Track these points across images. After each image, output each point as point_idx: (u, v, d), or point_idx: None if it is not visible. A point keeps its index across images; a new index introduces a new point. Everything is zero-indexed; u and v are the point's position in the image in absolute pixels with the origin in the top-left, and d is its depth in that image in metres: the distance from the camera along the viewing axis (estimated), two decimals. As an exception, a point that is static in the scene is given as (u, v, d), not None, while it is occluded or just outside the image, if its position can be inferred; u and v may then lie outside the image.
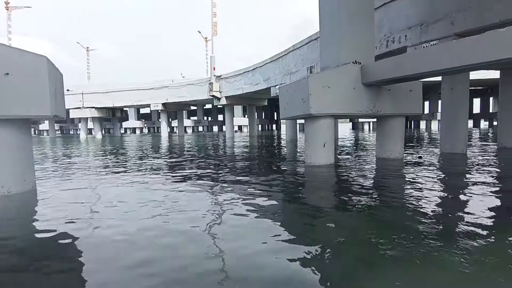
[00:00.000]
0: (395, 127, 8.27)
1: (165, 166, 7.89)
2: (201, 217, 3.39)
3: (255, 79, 22.97)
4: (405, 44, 9.92)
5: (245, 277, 2.07)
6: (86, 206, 4.10)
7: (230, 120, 30.05)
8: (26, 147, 4.91)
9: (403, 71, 6.28)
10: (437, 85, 23.79)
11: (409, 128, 39.90)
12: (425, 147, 11.91)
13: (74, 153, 13.23)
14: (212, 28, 30.46)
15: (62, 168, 7.82)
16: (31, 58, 4.48)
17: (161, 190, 4.90)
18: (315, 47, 15.11)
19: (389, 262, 2.22)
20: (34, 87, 4.45)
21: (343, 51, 7.48)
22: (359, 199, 4.12)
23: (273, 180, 5.63)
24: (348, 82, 7.27)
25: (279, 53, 19.61)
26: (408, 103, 8.05)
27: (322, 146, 7.29)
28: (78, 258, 2.44)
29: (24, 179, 4.80)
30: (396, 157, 8.18)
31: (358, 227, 3.07)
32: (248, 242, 2.70)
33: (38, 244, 2.81)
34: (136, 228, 3.07)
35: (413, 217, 3.29)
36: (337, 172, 6.35)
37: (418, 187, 4.72)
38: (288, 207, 3.94)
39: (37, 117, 4.65)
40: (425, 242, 2.54)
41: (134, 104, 35.30)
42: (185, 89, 31.16)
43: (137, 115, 56.71)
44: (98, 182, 5.82)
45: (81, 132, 35.09)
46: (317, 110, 7.03)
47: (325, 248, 2.51)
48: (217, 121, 56.81)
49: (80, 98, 34.22)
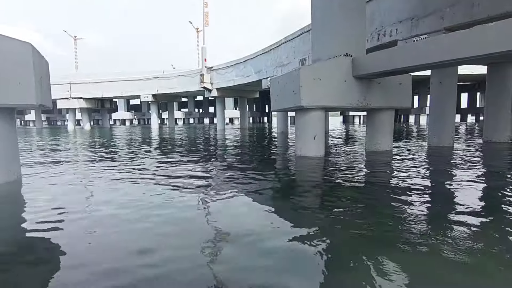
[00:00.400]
0: (384, 120, 8.36)
1: (155, 158, 7.83)
2: (192, 209, 3.38)
3: (247, 71, 22.83)
4: (396, 37, 9.98)
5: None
6: (72, 196, 4.04)
7: (221, 112, 29.90)
8: (11, 137, 4.80)
9: (394, 64, 6.33)
10: (426, 80, 24.07)
11: (399, 122, 40.43)
12: (413, 140, 12.10)
13: (61, 144, 12.99)
14: (204, 18, 30.01)
15: (49, 159, 7.67)
16: (15, 45, 4.33)
17: (151, 180, 4.87)
18: (307, 40, 15.07)
19: (376, 246, 2.26)
20: (18, 75, 4.32)
21: (334, 44, 7.49)
22: (348, 187, 4.17)
23: (264, 171, 5.65)
24: (339, 75, 7.29)
25: (271, 45, 19.50)
26: (397, 96, 8.13)
27: (313, 138, 7.33)
28: (63, 249, 2.41)
29: (9, 170, 4.70)
30: (385, 150, 8.29)
31: (346, 215, 3.11)
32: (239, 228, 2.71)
33: (22, 235, 2.76)
34: (126, 219, 3.05)
35: (400, 204, 3.35)
36: (327, 164, 6.41)
37: (405, 176, 4.81)
38: (277, 197, 3.97)
39: (21, 106, 4.52)
40: (412, 228, 2.60)
41: (124, 95, 34.77)
42: (176, 80, 30.79)
43: (127, 106, 55.93)
44: (86, 173, 5.74)
45: (69, 123, 34.36)
46: (308, 102, 7.04)
47: (316, 232, 2.54)
48: (208, 113, 56.48)
49: (68, 88, 33.46)
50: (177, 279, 1.93)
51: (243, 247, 2.38)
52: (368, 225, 2.80)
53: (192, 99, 53.11)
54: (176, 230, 2.79)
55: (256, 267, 2.07)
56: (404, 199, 3.64)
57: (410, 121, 41.08)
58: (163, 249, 2.36)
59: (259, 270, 2.03)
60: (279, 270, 2.02)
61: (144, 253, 2.29)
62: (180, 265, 2.12)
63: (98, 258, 2.26)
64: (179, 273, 2.00)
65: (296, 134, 7.79)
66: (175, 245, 2.45)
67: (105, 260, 2.22)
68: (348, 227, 2.77)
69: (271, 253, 2.27)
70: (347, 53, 7.41)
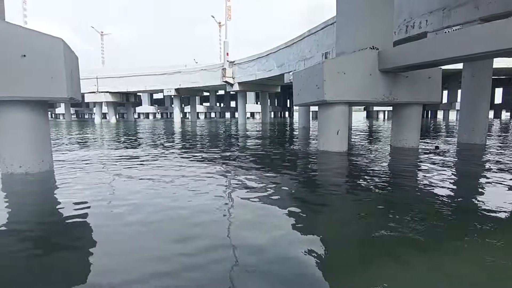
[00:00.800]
0: (411, 115, 8.06)
1: (179, 150, 7.96)
2: (213, 202, 3.42)
3: (269, 65, 22.69)
4: (426, 29, 9.54)
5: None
6: (103, 186, 4.18)
7: (243, 106, 29.95)
8: (44, 129, 5.02)
9: (424, 57, 6.06)
10: (457, 73, 23.02)
11: (426, 118, 38.94)
12: (442, 137, 11.60)
13: (90, 136, 13.50)
14: (226, 12, 30.03)
15: (79, 150, 8.00)
16: (48, 40, 4.51)
17: (174, 172, 4.95)
18: (331, 32, 14.74)
19: (403, 246, 2.18)
20: (50, 69, 4.50)
21: (360, 36, 7.26)
22: (372, 185, 4.06)
23: (285, 166, 5.61)
24: (364, 68, 7.08)
25: (293, 39, 19.24)
26: (426, 91, 7.80)
27: (336, 133, 7.19)
28: (99, 236, 2.50)
29: (42, 160, 4.93)
30: (412, 146, 8.01)
31: (370, 212, 3.03)
32: (260, 226, 2.71)
33: (53, 222, 2.89)
34: (153, 211, 3.12)
35: (427, 204, 3.22)
36: (350, 160, 6.27)
37: (433, 175, 4.61)
38: (299, 192, 3.92)
39: (53, 99, 4.71)
40: (438, 228, 2.49)
41: (148, 89, 35.56)
42: (198, 74, 31.09)
43: (150, 100, 57.21)
44: (114, 164, 5.93)
45: (96, 116, 35.68)
46: (332, 96, 6.89)
47: (337, 232, 2.49)
48: (229, 108, 56.77)
49: (95, 82, 34.67)
50: (212, 268, 1.95)
51: (268, 242, 2.37)
52: (398, 226, 2.71)
53: (214, 93, 53.55)
54: (209, 219, 2.83)
55: (284, 258, 2.06)
56: (433, 200, 3.49)
57: (438, 117, 39.45)
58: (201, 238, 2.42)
59: (288, 262, 2.02)
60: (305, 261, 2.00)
61: (183, 241, 2.35)
62: (216, 254, 2.15)
63: (136, 246, 2.32)
64: (215, 262, 2.03)
65: (319, 129, 7.67)
66: (212, 234, 2.50)
67: (143, 248, 2.28)
68: (376, 227, 2.69)
69: (295, 246, 2.25)
70: (373, 46, 7.17)
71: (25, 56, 4.33)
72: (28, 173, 4.71)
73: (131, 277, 1.88)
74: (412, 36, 10.02)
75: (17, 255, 2.19)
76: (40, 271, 1.98)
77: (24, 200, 3.64)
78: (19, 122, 4.65)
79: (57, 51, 4.54)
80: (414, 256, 2.10)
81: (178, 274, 1.90)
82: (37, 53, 4.41)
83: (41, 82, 4.45)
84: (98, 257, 2.16)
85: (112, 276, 1.90)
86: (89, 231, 2.62)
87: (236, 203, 3.38)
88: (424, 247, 2.22)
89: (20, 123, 4.66)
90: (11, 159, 4.68)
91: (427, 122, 28.02)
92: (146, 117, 55.30)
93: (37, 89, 4.45)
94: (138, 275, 1.89)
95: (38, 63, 4.41)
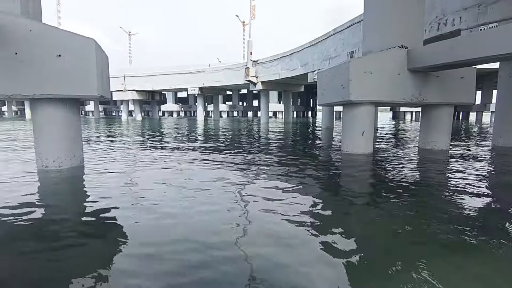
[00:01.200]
0: (441, 117, 7.72)
1: (202, 148, 8.07)
2: (234, 203, 3.43)
3: (292, 64, 22.52)
4: (459, 26, 9.09)
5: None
6: (133, 180, 4.31)
7: (265, 105, 29.91)
8: (76, 125, 5.24)
9: (457, 56, 5.77)
10: (493, 73, 21.85)
11: (457, 119, 37.23)
12: (474, 140, 11.03)
13: (118, 133, 13.98)
14: (250, 11, 30.10)
15: (108, 146, 8.30)
16: (80, 40, 4.70)
17: (196, 171, 5.02)
18: (357, 31, 14.40)
19: (434, 249, 2.09)
20: (83, 68, 4.69)
21: (388, 35, 7.03)
22: (397, 189, 3.92)
23: (307, 167, 5.54)
24: (392, 68, 6.85)
25: (318, 37, 18.97)
26: (458, 91, 7.44)
27: (361, 134, 7.01)
28: (132, 227, 2.59)
29: (73, 155, 5.16)
30: (441, 149, 7.67)
31: (397, 216, 2.92)
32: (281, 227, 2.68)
33: (91, 213, 3.01)
34: (181, 207, 3.18)
35: (456, 211, 3.06)
36: (375, 162, 6.09)
37: (463, 181, 4.38)
38: (322, 194, 3.85)
39: (85, 96, 4.90)
40: (467, 234, 2.36)
41: (172, 87, 36.31)
42: (222, 73, 31.38)
43: (175, 99, 58.40)
44: (141, 159, 6.09)
45: (123, 114, 36.95)
46: (357, 96, 6.73)
47: (363, 237, 2.42)
48: (252, 107, 56.92)
49: (122, 81, 35.86)
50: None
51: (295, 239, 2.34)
52: (428, 230, 2.60)
53: (237, 92, 53.89)
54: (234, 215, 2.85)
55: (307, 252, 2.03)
56: (464, 206, 3.32)
57: (470, 118, 37.58)
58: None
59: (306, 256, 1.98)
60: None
61: (217, 234, 2.41)
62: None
63: (168, 237, 2.39)
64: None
65: (343, 129, 7.51)
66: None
67: (174, 240, 2.34)
68: (404, 234, 2.59)
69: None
70: (402, 45, 6.92)
71: (60, 56, 4.54)
72: (61, 167, 4.94)
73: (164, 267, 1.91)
74: (444, 34, 9.59)
75: (68, 234, 2.30)
76: (73, 254, 2.07)
77: (59, 193, 3.81)
78: (53, 119, 4.88)
79: (89, 51, 4.72)
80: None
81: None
82: (71, 53, 4.60)
83: (74, 80, 4.65)
84: (133, 247, 2.22)
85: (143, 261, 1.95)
86: (117, 220, 2.70)
87: (251, 215, 3.36)
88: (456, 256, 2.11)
89: (55, 120, 4.89)
90: (46, 154, 4.92)
91: (458, 123, 26.77)
92: (170, 115, 56.53)
93: (70, 87, 4.65)
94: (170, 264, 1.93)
95: (72, 62, 4.61)
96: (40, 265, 2.03)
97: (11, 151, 7.22)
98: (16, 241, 2.39)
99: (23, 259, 2.12)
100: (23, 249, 2.25)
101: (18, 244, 2.35)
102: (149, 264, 1.99)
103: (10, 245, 2.33)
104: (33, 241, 2.38)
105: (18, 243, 2.36)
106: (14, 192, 3.69)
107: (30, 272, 1.94)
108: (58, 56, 4.54)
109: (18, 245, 2.34)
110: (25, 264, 2.04)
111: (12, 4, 4.58)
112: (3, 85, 4.42)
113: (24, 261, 2.09)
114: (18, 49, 4.41)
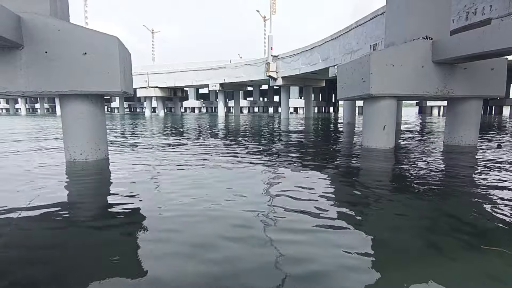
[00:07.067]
0: (469, 111, 7.40)
1: (222, 143, 8.18)
2: (256, 196, 3.47)
3: (313, 59, 22.22)
4: (490, 15, 8.64)
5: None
6: (157, 174, 4.46)
7: (286, 101, 29.77)
8: (100, 120, 5.48)
9: (487, 46, 5.49)
10: (527, 64, 20.52)
11: (488, 114, 35.42)
12: (507, 135, 10.47)
13: (142, 128, 14.42)
14: (271, 6, 29.91)
15: (132, 140, 8.59)
16: (104, 38, 4.90)
17: (218, 165, 5.12)
18: (380, 23, 14.00)
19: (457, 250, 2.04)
20: (107, 65, 4.89)
21: (412, 25, 6.79)
22: (418, 186, 3.82)
23: (328, 161, 5.49)
24: (415, 60, 6.63)
25: (340, 30, 18.59)
26: (487, 84, 7.09)
27: (382, 129, 6.86)
28: (154, 220, 2.67)
29: (99, 148, 5.40)
30: (468, 144, 7.36)
31: (418, 217, 2.86)
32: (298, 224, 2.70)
33: (115, 205, 3.16)
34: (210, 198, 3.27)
35: (482, 214, 2.95)
36: (396, 157, 5.94)
37: (493, 179, 4.20)
38: (341, 189, 3.83)
39: (108, 92, 5.11)
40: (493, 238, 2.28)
41: (194, 84, 36.90)
42: (242, 69, 31.51)
43: (196, 95, 59.34)
44: (167, 154, 6.28)
45: (146, 110, 38.02)
46: (378, 90, 6.57)
47: (380, 237, 2.39)
48: (272, 102, 56.83)
49: (146, 78, 36.87)
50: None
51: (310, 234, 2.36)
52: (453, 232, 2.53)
53: (257, 88, 53.97)
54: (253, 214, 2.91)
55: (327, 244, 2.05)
56: (492, 209, 3.19)
57: (503, 113, 35.61)
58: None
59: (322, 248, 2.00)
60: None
61: (241, 226, 2.46)
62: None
63: (190, 232, 2.43)
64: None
65: (364, 124, 7.36)
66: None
67: (196, 234, 2.39)
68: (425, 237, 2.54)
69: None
70: (426, 36, 6.67)
71: (86, 53, 4.76)
72: (87, 160, 5.20)
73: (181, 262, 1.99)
74: (473, 24, 9.14)
75: (90, 223, 2.45)
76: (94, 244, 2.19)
77: (85, 182, 4.02)
78: (80, 114, 5.13)
79: (113, 49, 4.91)
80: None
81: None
82: (95, 51, 4.81)
83: (98, 77, 4.86)
84: (153, 242, 2.33)
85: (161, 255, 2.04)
86: (139, 209, 2.82)
87: (279, 205, 3.39)
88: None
89: (81, 115, 5.14)
90: (74, 147, 5.19)
91: (490, 118, 25.45)
92: (192, 111, 57.52)
93: (95, 83, 4.87)
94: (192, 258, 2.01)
95: (97, 59, 4.82)
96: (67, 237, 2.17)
97: (44, 147, 7.63)
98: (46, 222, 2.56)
99: (54, 233, 2.30)
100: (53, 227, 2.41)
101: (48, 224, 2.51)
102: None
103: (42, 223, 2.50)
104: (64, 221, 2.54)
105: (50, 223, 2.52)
106: (47, 180, 3.93)
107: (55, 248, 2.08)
108: (84, 54, 4.76)
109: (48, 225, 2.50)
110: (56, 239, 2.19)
111: (42, 6, 4.83)
112: (35, 82, 4.71)
113: (55, 237, 2.25)
114: (48, 48, 4.66)
